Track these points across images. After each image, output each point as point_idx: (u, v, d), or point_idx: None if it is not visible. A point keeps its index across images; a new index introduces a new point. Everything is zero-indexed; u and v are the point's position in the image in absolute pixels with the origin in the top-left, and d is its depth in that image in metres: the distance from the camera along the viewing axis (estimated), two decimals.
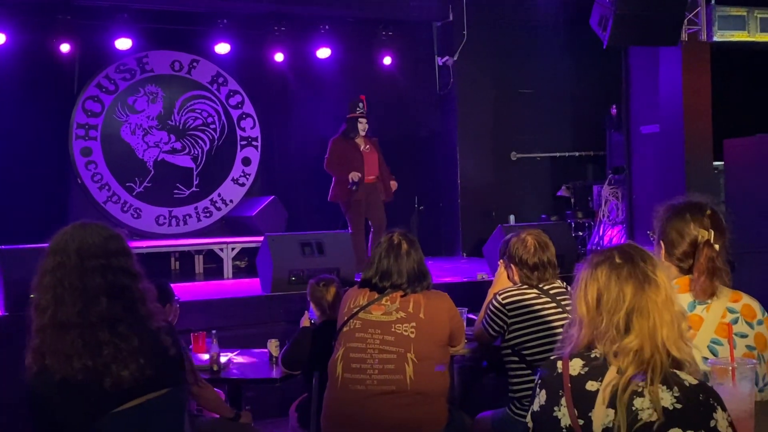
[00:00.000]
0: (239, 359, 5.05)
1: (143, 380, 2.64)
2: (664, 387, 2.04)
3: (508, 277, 4.41)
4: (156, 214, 11.08)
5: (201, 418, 4.43)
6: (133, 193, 10.97)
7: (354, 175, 8.65)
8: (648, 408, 2.02)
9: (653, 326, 2.10)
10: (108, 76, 10.87)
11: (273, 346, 4.99)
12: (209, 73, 11.43)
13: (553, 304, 4.17)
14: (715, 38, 9.20)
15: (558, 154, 11.90)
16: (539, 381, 2.24)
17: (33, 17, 9.60)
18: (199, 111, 11.39)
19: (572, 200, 11.48)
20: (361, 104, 8.96)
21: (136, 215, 10.93)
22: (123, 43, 10.15)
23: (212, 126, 11.46)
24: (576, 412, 2.11)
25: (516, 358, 4.15)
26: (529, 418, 2.27)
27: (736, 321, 2.74)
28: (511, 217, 11.22)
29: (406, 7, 10.75)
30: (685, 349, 2.13)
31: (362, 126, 8.94)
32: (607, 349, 2.13)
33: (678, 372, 2.08)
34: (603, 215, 10.70)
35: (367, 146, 8.93)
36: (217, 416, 4.43)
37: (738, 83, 11.11)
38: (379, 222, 8.74)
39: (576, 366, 2.17)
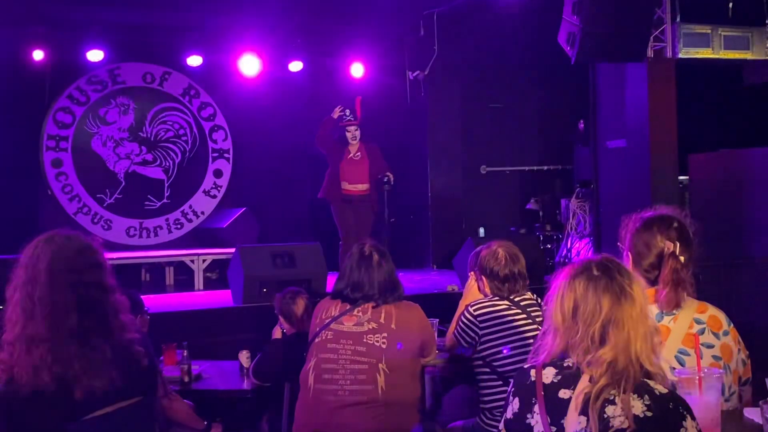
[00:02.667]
0: (210, 371, 5.05)
1: (114, 390, 2.64)
2: (635, 395, 2.08)
3: (479, 289, 4.45)
4: (127, 226, 11.03)
5: (172, 430, 4.42)
6: (104, 205, 10.91)
7: (336, 112, 8.62)
8: (620, 416, 2.06)
9: (627, 339, 2.14)
10: (79, 88, 10.82)
11: (244, 357, 5.00)
12: (181, 85, 11.41)
13: (524, 315, 4.22)
14: (681, 55, 9.34)
15: (527, 168, 12.02)
16: (513, 389, 2.28)
17: (4, 28, 9.53)
18: (171, 123, 11.36)
19: (541, 213, 11.59)
20: (347, 111, 8.79)
21: (106, 227, 10.87)
22: (95, 55, 10.12)
23: (184, 138, 11.44)
24: (549, 419, 2.15)
25: (487, 369, 4.18)
26: (502, 426, 2.30)
27: (702, 332, 2.79)
28: (481, 230, 11.31)
29: (378, 22, 10.82)
30: (656, 363, 2.17)
31: (351, 134, 8.85)
32: (581, 358, 2.17)
33: (649, 381, 2.13)
34: (571, 228, 10.81)
35: (358, 153, 8.84)
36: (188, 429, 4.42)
37: (702, 99, 11.29)
38: (362, 237, 8.68)
39: (549, 374, 2.21)
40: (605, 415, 2.08)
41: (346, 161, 8.78)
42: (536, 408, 2.18)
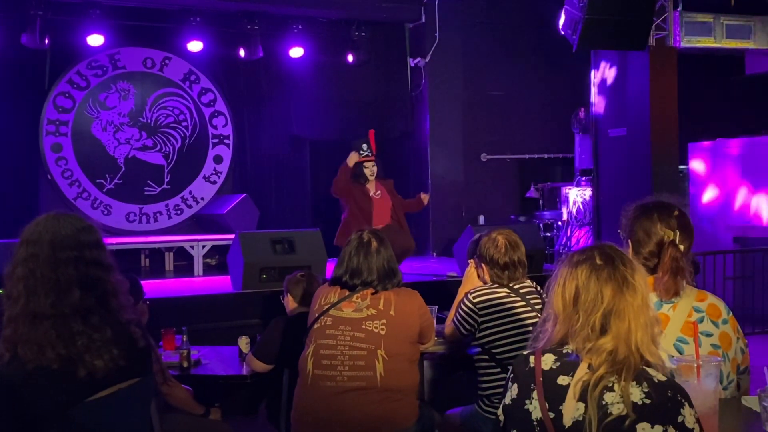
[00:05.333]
0: (210, 356, 5.06)
1: (115, 370, 2.65)
2: (634, 383, 2.09)
3: (478, 276, 4.45)
4: (126, 211, 11.03)
5: (171, 414, 4.43)
6: (104, 190, 10.91)
7: (351, 159, 7.89)
8: (618, 402, 2.06)
9: (628, 329, 2.14)
10: (79, 73, 10.81)
11: (243, 343, 5.01)
12: (181, 70, 11.40)
13: (523, 303, 4.22)
14: (682, 44, 9.34)
15: (527, 156, 12.01)
16: (511, 375, 2.28)
17: (4, 12, 9.52)
18: (171, 108, 11.35)
19: (541, 201, 11.61)
20: (365, 145, 8.00)
21: (106, 212, 10.87)
22: (95, 40, 10.10)
23: (184, 123, 11.43)
24: (547, 405, 2.15)
25: (486, 356, 4.19)
26: (500, 412, 2.31)
27: (701, 320, 2.79)
28: (481, 218, 11.31)
29: (379, 9, 10.80)
30: (656, 353, 2.17)
31: (369, 171, 7.97)
32: (581, 346, 2.17)
33: (648, 369, 2.13)
34: (571, 216, 10.82)
35: (378, 192, 8.04)
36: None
37: (703, 88, 11.28)
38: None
39: (548, 361, 2.21)
40: (603, 402, 2.08)
41: (367, 202, 7.95)
42: (535, 394, 2.19)
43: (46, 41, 9.78)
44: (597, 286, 2.18)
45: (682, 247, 2.85)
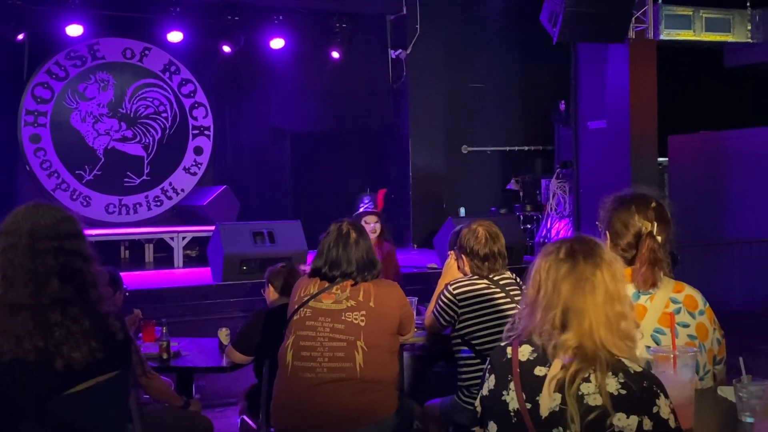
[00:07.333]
0: (189, 348, 5.04)
1: (94, 363, 2.63)
2: (610, 374, 2.09)
3: (458, 268, 4.46)
4: (106, 203, 10.97)
5: (150, 406, 4.42)
6: (83, 181, 10.85)
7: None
8: (595, 393, 2.07)
9: (590, 327, 2.13)
10: (58, 63, 10.73)
11: (223, 334, 5.00)
12: (161, 61, 11.33)
13: (503, 294, 4.24)
14: (662, 36, 9.38)
15: (508, 148, 12.04)
16: (489, 366, 2.29)
17: None
18: (151, 99, 11.29)
19: (521, 193, 11.64)
20: (367, 198, 7.34)
21: (85, 203, 10.81)
22: (74, 30, 10.01)
23: (164, 114, 11.37)
24: (524, 396, 2.16)
25: (465, 348, 4.20)
26: (477, 403, 2.32)
27: (678, 311, 2.81)
28: (462, 210, 11.33)
29: (360, 0, 10.77)
30: (623, 348, 2.15)
31: (370, 227, 6.62)
32: (546, 341, 2.17)
33: (624, 359, 2.13)
34: (551, 208, 10.87)
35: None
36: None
37: (683, 81, 11.35)
38: None
39: (525, 352, 2.22)
40: (581, 393, 2.09)
41: None
42: (512, 385, 2.19)
43: (25, 31, 9.69)
44: (554, 282, 2.18)
45: (659, 238, 2.86)
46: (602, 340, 2.12)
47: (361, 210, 7.28)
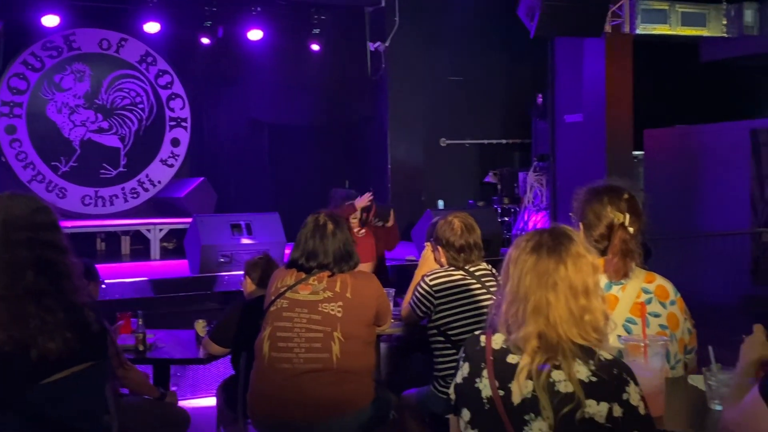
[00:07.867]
0: (166, 340, 5.04)
1: (69, 353, 2.63)
2: (580, 361, 2.13)
3: (435, 260, 4.49)
4: (82, 194, 10.91)
5: (126, 398, 4.42)
6: (59, 173, 10.78)
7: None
8: (565, 380, 2.11)
9: (553, 321, 2.15)
10: (34, 53, 10.65)
11: (200, 326, 4.99)
12: (138, 52, 11.27)
13: (478, 286, 4.26)
14: (638, 31, 9.43)
15: (486, 141, 12.08)
16: (463, 354, 2.31)
17: None
18: (127, 90, 11.23)
19: (499, 186, 11.68)
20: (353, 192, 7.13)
21: (61, 195, 10.75)
22: (50, 20, 9.94)
23: (140, 106, 11.32)
24: (497, 383, 2.19)
25: (441, 338, 4.23)
26: (451, 390, 2.34)
27: (649, 301, 2.85)
28: (440, 202, 11.36)
29: None
30: (591, 341, 2.16)
31: (354, 223, 6.73)
32: (513, 332, 2.20)
33: (594, 348, 2.16)
34: (528, 201, 10.92)
35: (362, 231, 6.88)
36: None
37: (659, 75, 11.42)
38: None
39: (498, 340, 2.25)
40: (551, 380, 2.12)
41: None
42: (485, 372, 2.22)
43: (0, 21, 9.61)
44: (520, 275, 2.20)
45: (631, 229, 2.90)
46: (566, 333, 2.14)
47: (347, 208, 6.80)
